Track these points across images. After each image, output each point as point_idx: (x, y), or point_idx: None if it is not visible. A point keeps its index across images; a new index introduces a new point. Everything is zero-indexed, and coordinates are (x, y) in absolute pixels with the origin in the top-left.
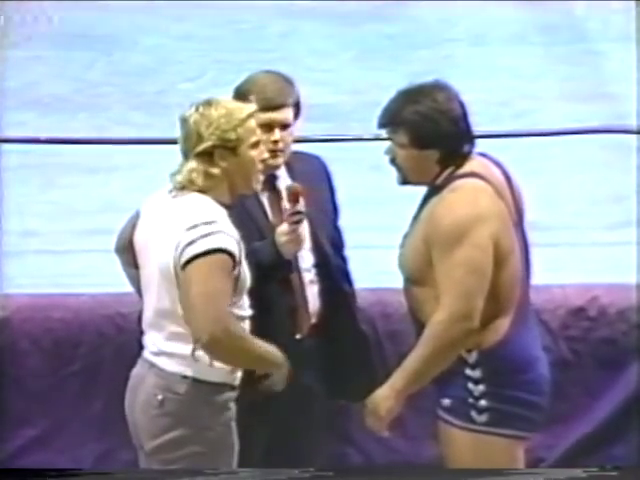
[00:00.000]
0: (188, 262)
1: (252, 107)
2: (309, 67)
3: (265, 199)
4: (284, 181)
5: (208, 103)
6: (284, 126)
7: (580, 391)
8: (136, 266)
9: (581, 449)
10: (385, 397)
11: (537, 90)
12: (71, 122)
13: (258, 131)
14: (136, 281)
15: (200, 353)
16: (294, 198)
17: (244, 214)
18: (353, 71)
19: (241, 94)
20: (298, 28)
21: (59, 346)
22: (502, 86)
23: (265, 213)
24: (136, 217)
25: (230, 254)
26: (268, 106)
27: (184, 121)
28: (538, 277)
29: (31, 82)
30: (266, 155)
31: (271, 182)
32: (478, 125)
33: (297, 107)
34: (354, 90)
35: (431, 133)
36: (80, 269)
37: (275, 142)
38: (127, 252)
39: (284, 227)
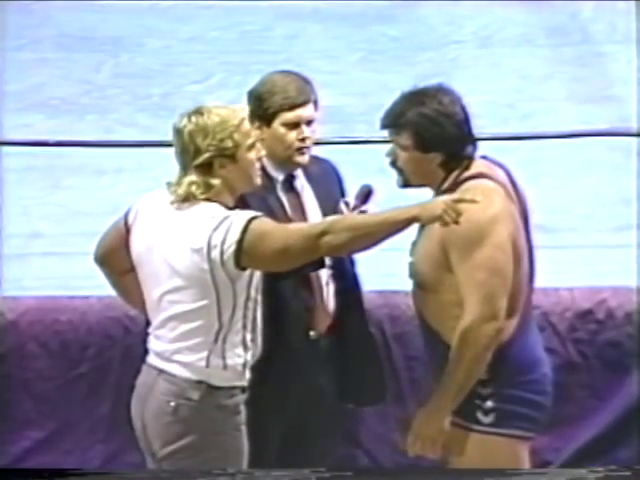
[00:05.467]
0: (239, 250)
1: (244, 110)
2: (315, 69)
3: (284, 199)
4: (301, 182)
5: (199, 112)
6: (309, 122)
7: (587, 393)
8: (121, 273)
9: (588, 451)
10: (436, 420)
11: (544, 92)
12: (78, 124)
13: (253, 132)
14: (121, 287)
15: (213, 359)
16: (365, 198)
17: (266, 210)
18: (359, 73)
19: (260, 96)
20: (304, 30)
21: (66, 348)
22: (508, 88)
23: (285, 210)
24: (123, 226)
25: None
26: (293, 104)
27: (178, 133)
28: (546, 280)
29: (38, 84)
30: (263, 152)
31: (289, 182)
32: (484, 127)
33: (316, 104)
34: (360, 92)
35: (435, 136)
36: (87, 271)
37: (303, 139)
38: (111, 260)
39: None
